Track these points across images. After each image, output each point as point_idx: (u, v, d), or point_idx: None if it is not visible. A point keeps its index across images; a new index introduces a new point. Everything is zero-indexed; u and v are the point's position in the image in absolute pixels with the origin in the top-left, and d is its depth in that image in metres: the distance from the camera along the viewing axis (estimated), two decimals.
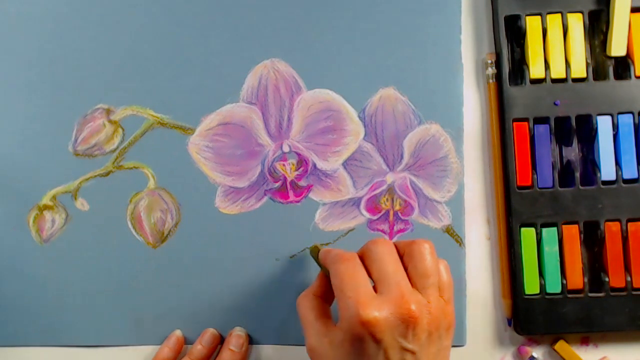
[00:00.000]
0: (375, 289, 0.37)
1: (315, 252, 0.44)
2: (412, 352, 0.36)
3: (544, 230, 0.46)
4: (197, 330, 0.47)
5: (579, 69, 0.47)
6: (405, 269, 0.38)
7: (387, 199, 0.48)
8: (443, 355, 0.38)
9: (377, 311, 0.35)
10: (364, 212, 0.48)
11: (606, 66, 0.47)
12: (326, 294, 0.41)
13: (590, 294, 0.46)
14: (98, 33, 0.49)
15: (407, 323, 0.36)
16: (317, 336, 0.38)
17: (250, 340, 0.47)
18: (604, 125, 0.46)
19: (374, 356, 0.36)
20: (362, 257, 0.39)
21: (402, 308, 0.36)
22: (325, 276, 0.41)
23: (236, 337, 0.46)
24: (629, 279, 0.46)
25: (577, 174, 0.46)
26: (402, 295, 0.36)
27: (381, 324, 0.35)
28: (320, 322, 0.39)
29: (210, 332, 0.47)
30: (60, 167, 0.48)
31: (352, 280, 0.37)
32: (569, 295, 0.46)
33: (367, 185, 0.48)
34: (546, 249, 0.46)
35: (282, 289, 0.47)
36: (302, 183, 0.48)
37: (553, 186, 0.47)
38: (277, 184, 0.48)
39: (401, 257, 0.39)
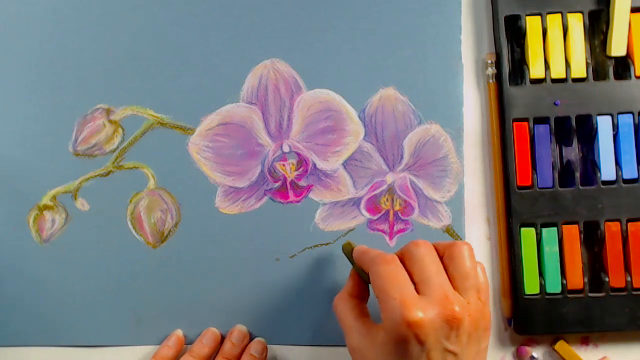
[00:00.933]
0: (417, 290, 0.37)
1: (348, 250, 0.43)
2: (454, 354, 0.36)
3: (544, 230, 0.46)
4: (197, 330, 0.47)
5: (579, 69, 0.47)
6: (446, 271, 0.38)
7: (387, 199, 0.48)
8: (482, 357, 0.38)
9: (422, 312, 0.36)
10: (364, 212, 0.48)
11: (606, 66, 0.47)
12: (361, 293, 0.41)
13: (590, 294, 0.46)
14: (98, 33, 0.49)
15: (451, 324, 0.36)
16: (359, 336, 0.38)
17: (250, 340, 0.47)
18: (604, 125, 0.46)
19: (417, 357, 0.36)
20: (402, 259, 0.39)
21: (447, 309, 0.36)
22: (359, 275, 0.41)
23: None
24: (629, 279, 0.46)
25: (577, 174, 0.46)
26: (445, 297, 0.36)
27: (426, 326, 0.35)
28: (360, 322, 0.39)
29: (211, 331, 0.47)
30: (60, 167, 0.48)
31: (396, 281, 0.37)
32: (569, 295, 0.46)
33: (367, 185, 0.48)
34: (546, 249, 0.46)
35: (282, 288, 0.47)
36: (302, 183, 0.48)
37: (553, 186, 0.47)
38: (277, 184, 0.48)
39: (441, 258, 0.39)
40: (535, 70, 0.47)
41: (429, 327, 0.36)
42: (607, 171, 0.46)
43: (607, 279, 0.46)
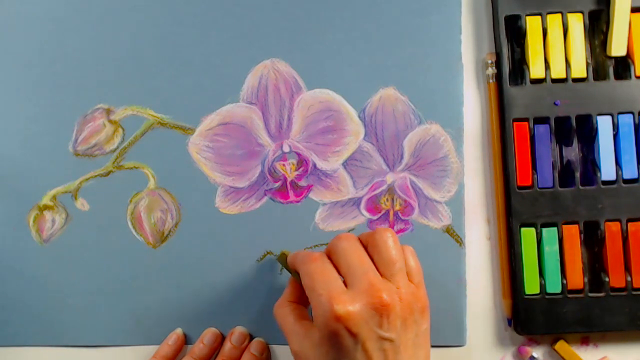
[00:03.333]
0: (345, 284, 0.37)
1: (283, 259, 0.44)
2: (390, 340, 0.36)
3: (544, 230, 0.46)
4: (197, 330, 0.47)
5: (579, 69, 0.47)
6: (372, 260, 0.38)
7: (387, 199, 0.48)
8: (423, 339, 0.38)
9: (350, 305, 0.36)
10: (364, 212, 0.48)
11: (606, 66, 0.47)
12: (300, 298, 0.41)
13: (590, 294, 0.46)
14: (98, 33, 0.49)
15: (380, 312, 0.36)
16: (298, 340, 0.38)
17: (251, 340, 0.47)
18: (604, 125, 0.46)
19: (353, 350, 0.36)
20: (329, 255, 0.39)
21: (374, 297, 0.36)
22: (297, 281, 0.41)
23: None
24: (629, 279, 0.46)
25: (577, 174, 0.47)
26: (371, 285, 0.36)
27: (355, 317, 0.35)
28: (298, 324, 0.39)
29: (211, 332, 0.47)
30: (61, 167, 0.48)
31: (322, 278, 0.37)
32: (569, 295, 0.46)
33: (367, 185, 0.48)
34: (546, 249, 0.46)
35: (283, 289, 0.47)
36: (302, 183, 0.48)
37: (553, 186, 0.47)
38: (277, 184, 0.48)
39: (366, 248, 0.39)
40: (536, 70, 0.47)
41: (359, 318, 0.36)
42: (607, 171, 0.46)
43: (607, 279, 0.46)
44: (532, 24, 0.47)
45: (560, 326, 0.46)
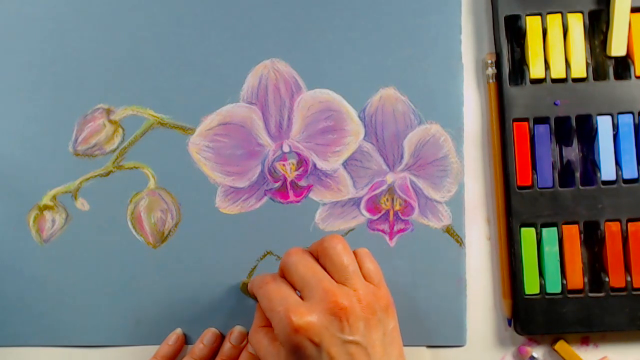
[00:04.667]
0: (302, 298, 0.37)
1: (244, 288, 0.45)
2: (356, 343, 0.36)
3: (544, 230, 0.46)
4: (197, 330, 0.47)
5: (579, 69, 0.47)
6: (325, 269, 0.38)
7: (387, 199, 0.48)
8: (392, 337, 0.38)
9: (308, 315, 0.36)
10: (364, 212, 0.48)
11: (606, 66, 0.47)
12: (269, 322, 0.41)
13: (590, 294, 0.46)
14: (98, 33, 0.49)
15: (339, 316, 0.36)
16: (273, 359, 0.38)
17: None
18: (604, 125, 0.46)
19: (319, 359, 0.36)
20: (283, 274, 0.39)
21: (330, 303, 0.36)
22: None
23: None
24: (629, 279, 0.46)
25: (577, 174, 0.47)
26: (326, 292, 0.36)
27: (315, 326, 0.36)
28: (272, 346, 0.39)
29: (211, 332, 0.47)
30: (61, 167, 0.48)
31: (278, 295, 0.37)
32: (569, 295, 0.46)
33: (367, 185, 0.48)
34: (546, 249, 0.46)
35: None
36: (302, 183, 0.48)
37: (553, 186, 0.47)
38: (277, 184, 0.48)
39: (318, 260, 0.39)
40: (535, 70, 0.47)
41: (318, 326, 0.36)
42: (607, 171, 0.46)
43: (607, 279, 0.46)
44: (532, 24, 0.47)
45: (560, 326, 0.46)
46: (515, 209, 0.46)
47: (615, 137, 0.47)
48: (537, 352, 0.47)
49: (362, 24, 0.48)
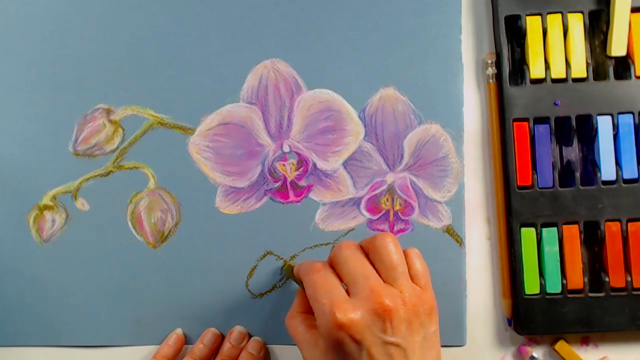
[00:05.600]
0: (348, 293, 0.37)
1: (289, 270, 0.44)
2: (396, 345, 0.36)
3: (544, 230, 0.46)
4: (197, 330, 0.47)
5: (579, 69, 0.47)
6: (373, 266, 0.38)
7: (387, 199, 0.48)
8: (432, 342, 0.38)
9: (352, 312, 0.36)
10: (364, 212, 0.48)
11: (606, 66, 0.47)
12: (309, 308, 0.41)
13: (590, 294, 0.46)
14: (98, 33, 0.49)
15: (383, 317, 0.36)
16: (309, 349, 0.38)
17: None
18: (604, 125, 0.46)
19: (358, 357, 0.36)
20: (332, 265, 0.39)
21: (375, 303, 0.36)
22: (304, 291, 0.41)
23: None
24: (629, 279, 0.46)
25: (577, 174, 0.47)
26: (373, 291, 0.36)
27: (358, 324, 0.36)
28: (309, 334, 0.39)
29: (211, 332, 0.47)
30: (61, 167, 0.48)
31: (325, 287, 0.37)
32: (569, 295, 0.46)
33: (367, 185, 0.48)
34: (546, 249, 0.46)
35: (282, 289, 0.47)
36: (302, 183, 0.48)
37: (553, 186, 0.47)
38: (277, 184, 0.48)
39: (367, 255, 0.39)
40: (536, 70, 0.47)
41: (361, 325, 0.36)
42: (607, 171, 0.46)
43: (607, 279, 0.46)
44: (532, 24, 0.47)
45: (560, 326, 0.46)
46: (515, 209, 0.46)
47: (615, 137, 0.47)
48: (537, 352, 0.47)
49: (362, 24, 0.48)
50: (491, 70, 0.48)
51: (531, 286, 0.46)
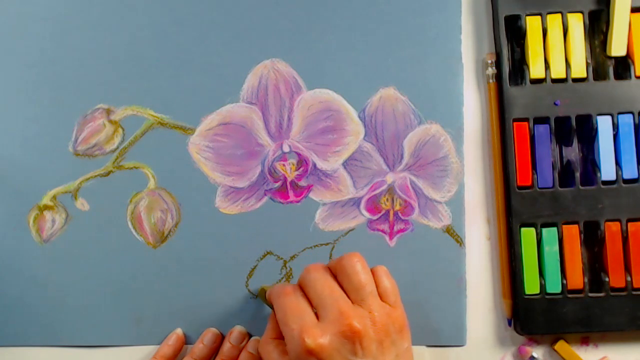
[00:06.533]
0: (317, 316, 0.37)
1: (262, 294, 0.44)
2: None
3: (544, 230, 0.46)
4: (197, 330, 0.47)
5: (579, 69, 0.47)
6: (342, 287, 0.38)
7: (387, 199, 0.48)
8: (405, 358, 0.38)
9: (320, 337, 0.36)
10: (364, 212, 0.48)
11: (606, 66, 0.47)
12: (282, 334, 0.41)
13: (590, 294, 0.46)
14: (98, 33, 0.49)
15: (352, 339, 0.36)
16: None
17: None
18: (604, 125, 0.46)
19: None
20: (301, 287, 0.39)
21: (343, 325, 0.36)
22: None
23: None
24: (629, 279, 0.46)
25: (577, 174, 0.47)
26: (341, 314, 0.36)
27: (326, 349, 0.36)
28: None
29: (211, 332, 0.47)
30: (61, 167, 0.48)
31: (294, 311, 0.37)
32: (569, 295, 0.46)
33: (367, 185, 0.48)
34: (546, 249, 0.46)
35: None
36: (302, 183, 0.48)
37: (553, 186, 0.47)
38: (277, 184, 0.48)
39: (336, 277, 0.39)
40: (535, 70, 0.47)
41: (330, 349, 0.36)
42: (607, 171, 0.46)
43: (607, 279, 0.46)
44: (532, 24, 0.47)
45: (560, 326, 0.46)
46: (515, 209, 0.46)
47: (615, 137, 0.47)
48: (537, 352, 0.47)
49: (362, 24, 0.48)
50: (491, 70, 0.48)
51: (531, 286, 0.46)
